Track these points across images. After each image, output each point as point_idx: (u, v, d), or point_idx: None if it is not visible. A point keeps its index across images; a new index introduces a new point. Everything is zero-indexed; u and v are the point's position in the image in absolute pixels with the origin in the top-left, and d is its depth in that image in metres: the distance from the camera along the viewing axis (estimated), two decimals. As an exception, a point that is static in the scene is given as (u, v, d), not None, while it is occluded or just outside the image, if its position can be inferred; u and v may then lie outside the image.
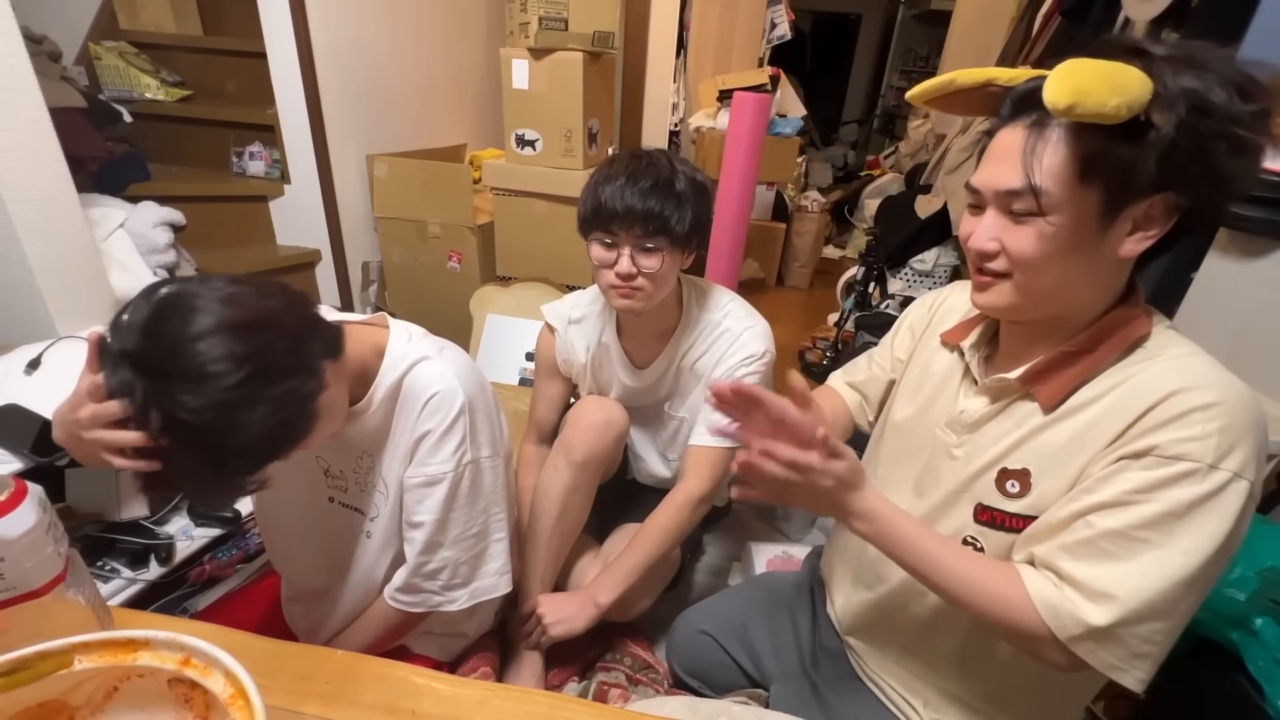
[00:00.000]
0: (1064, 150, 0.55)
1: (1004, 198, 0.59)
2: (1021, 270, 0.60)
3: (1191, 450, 0.52)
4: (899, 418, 0.81)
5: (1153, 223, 0.57)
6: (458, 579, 0.84)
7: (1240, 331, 1.27)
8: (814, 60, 6.49)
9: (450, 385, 0.77)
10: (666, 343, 1.08)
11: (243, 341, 0.55)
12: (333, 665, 0.63)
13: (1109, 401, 0.59)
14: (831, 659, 0.88)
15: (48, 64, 1.78)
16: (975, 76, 0.61)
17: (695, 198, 0.95)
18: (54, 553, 0.54)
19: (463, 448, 0.78)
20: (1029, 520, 0.64)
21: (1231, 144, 0.51)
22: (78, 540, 1.23)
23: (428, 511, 0.80)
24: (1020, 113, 0.58)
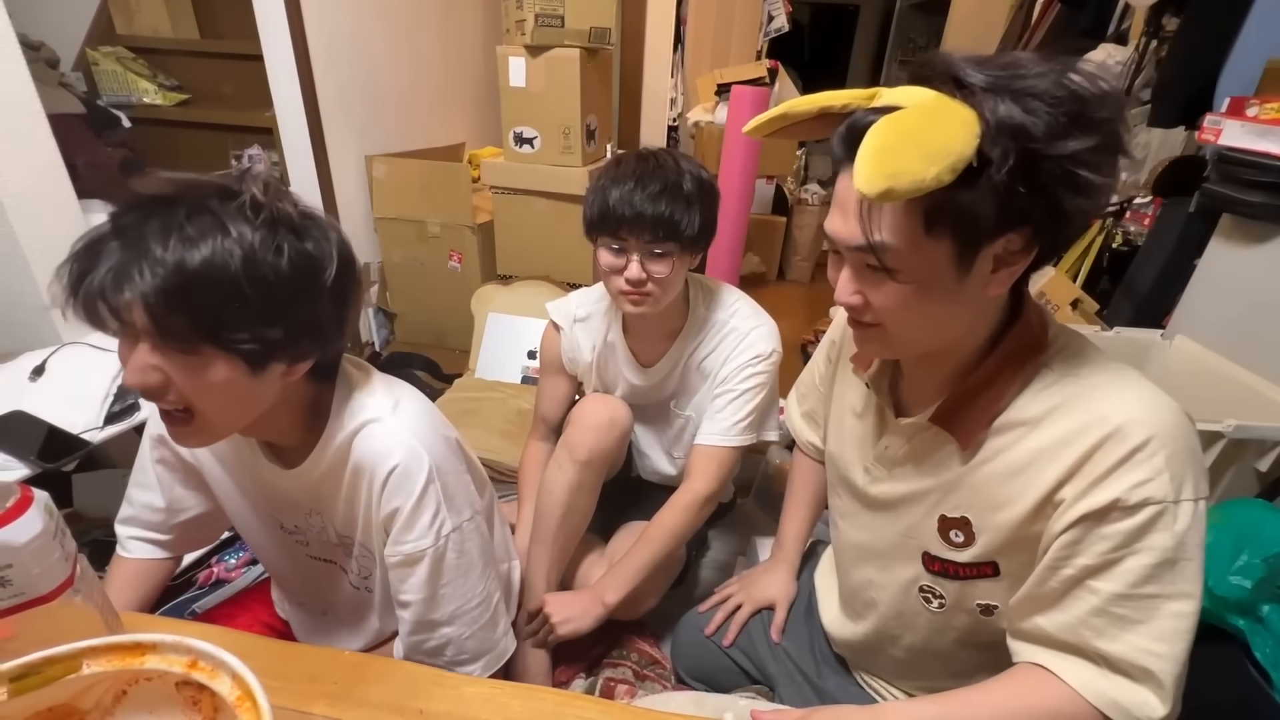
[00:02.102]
0: (902, 206, 0.50)
1: (854, 253, 0.55)
2: (890, 321, 0.57)
3: (1152, 493, 0.51)
4: (832, 449, 0.79)
5: (1014, 257, 0.53)
6: (465, 654, 0.76)
7: (1245, 318, 1.26)
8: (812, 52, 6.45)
9: (411, 452, 0.67)
10: (673, 342, 1.08)
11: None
12: (340, 665, 0.64)
13: (1034, 444, 0.57)
14: (833, 670, 0.88)
15: (46, 70, 1.78)
16: (807, 105, 0.57)
17: (703, 199, 0.94)
18: (61, 558, 0.54)
19: (439, 519, 0.69)
20: (981, 567, 0.63)
21: (1071, 185, 0.48)
22: (85, 545, 1.23)
23: (413, 590, 0.71)
24: (853, 153, 0.50)
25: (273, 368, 0.59)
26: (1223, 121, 1.28)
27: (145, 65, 2.13)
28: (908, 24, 6.06)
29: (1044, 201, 0.48)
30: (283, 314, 0.55)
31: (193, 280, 0.50)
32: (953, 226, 0.50)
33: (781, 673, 0.90)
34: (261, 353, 0.56)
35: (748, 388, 1.03)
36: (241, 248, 0.52)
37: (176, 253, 0.50)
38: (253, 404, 0.61)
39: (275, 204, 0.55)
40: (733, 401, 1.04)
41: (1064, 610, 0.57)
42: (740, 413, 1.04)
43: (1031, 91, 0.46)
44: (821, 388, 0.87)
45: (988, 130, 0.46)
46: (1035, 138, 0.46)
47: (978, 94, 0.47)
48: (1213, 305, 1.34)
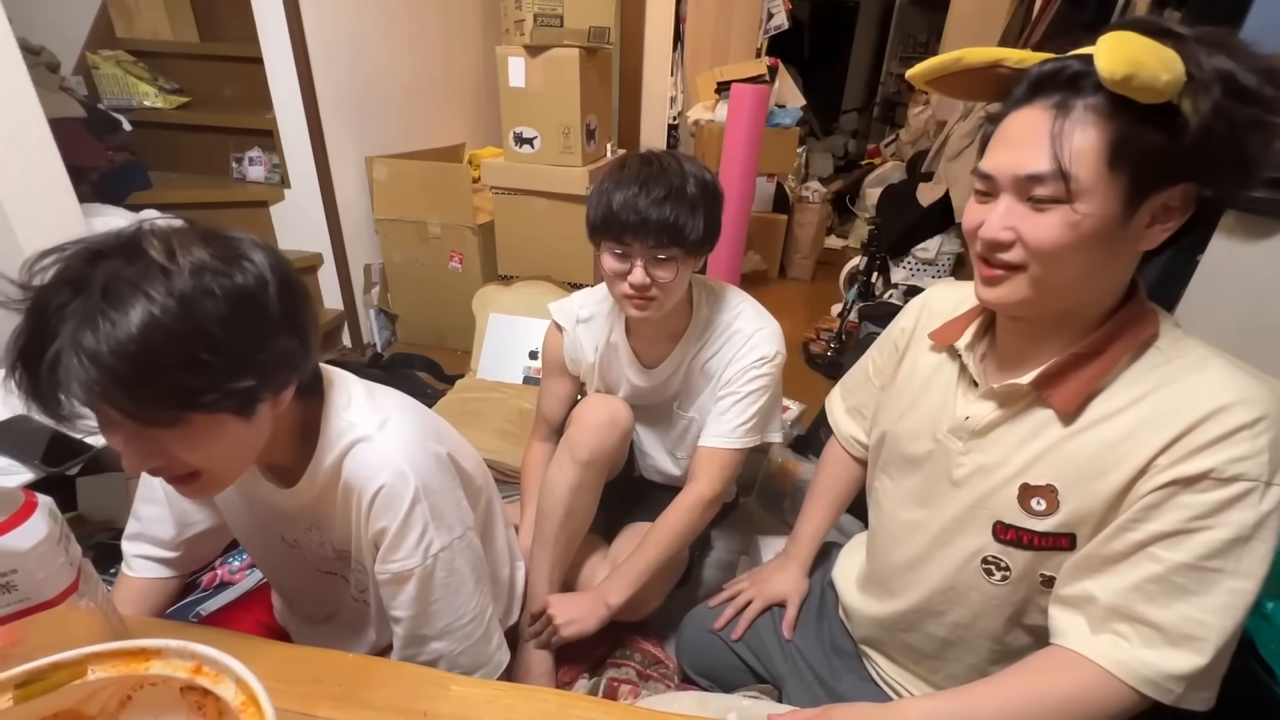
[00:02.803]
0: (1093, 134, 0.52)
1: (1024, 183, 0.55)
2: (1040, 261, 0.56)
3: (1247, 470, 0.52)
4: (893, 426, 0.78)
5: (1171, 214, 0.55)
6: (458, 669, 0.76)
7: (1249, 315, 1.26)
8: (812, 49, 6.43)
9: (397, 472, 0.67)
10: (676, 343, 1.07)
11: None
12: (344, 668, 0.64)
13: (1137, 415, 0.57)
14: (845, 662, 0.87)
15: (46, 75, 1.79)
16: (984, 56, 0.59)
17: (707, 201, 0.93)
18: (66, 563, 0.55)
19: (426, 538, 0.69)
20: (1059, 538, 0.62)
21: (1264, 132, 0.50)
22: (90, 548, 1.24)
23: (402, 607, 0.72)
24: (1039, 94, 0.55)
25: (261, 409, 0.58)
26: (1225, 116, 1.27)
27: (145, 68, 2.13)
28: (908, 20, 6.05)
29: (1233, 148, 0.50)
30: (246, 358, 0.53)
31: (143, 360, 0.47)
32: (1135, 163, 0.52)
33: (791, 672, 0.90)
34: (244, 401, 0.55)
35: (752, 390, 1.03)
36: (175, 309, 0.48)
37: (112, 342, 0.46)
38: (252, 446, 0.61)
39: (186, 251, 0.51)
40: (737, 404, 1.04)
41: (1119, 574, 0.57)
42: (744, 415, 1.04)
43: (1233, 47, 0.50)
44: (878, 380, 0.87)
45: (1198, 74, 0.49)
46: (1240, 83, 0.49)
47: (1189, 43, 0.50)
48: (1216, 301, 1.33)
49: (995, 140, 0.59)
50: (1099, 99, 0.52)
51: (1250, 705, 0.84)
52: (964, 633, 0.72)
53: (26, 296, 0.48)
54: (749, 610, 0.96)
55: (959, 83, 0.62)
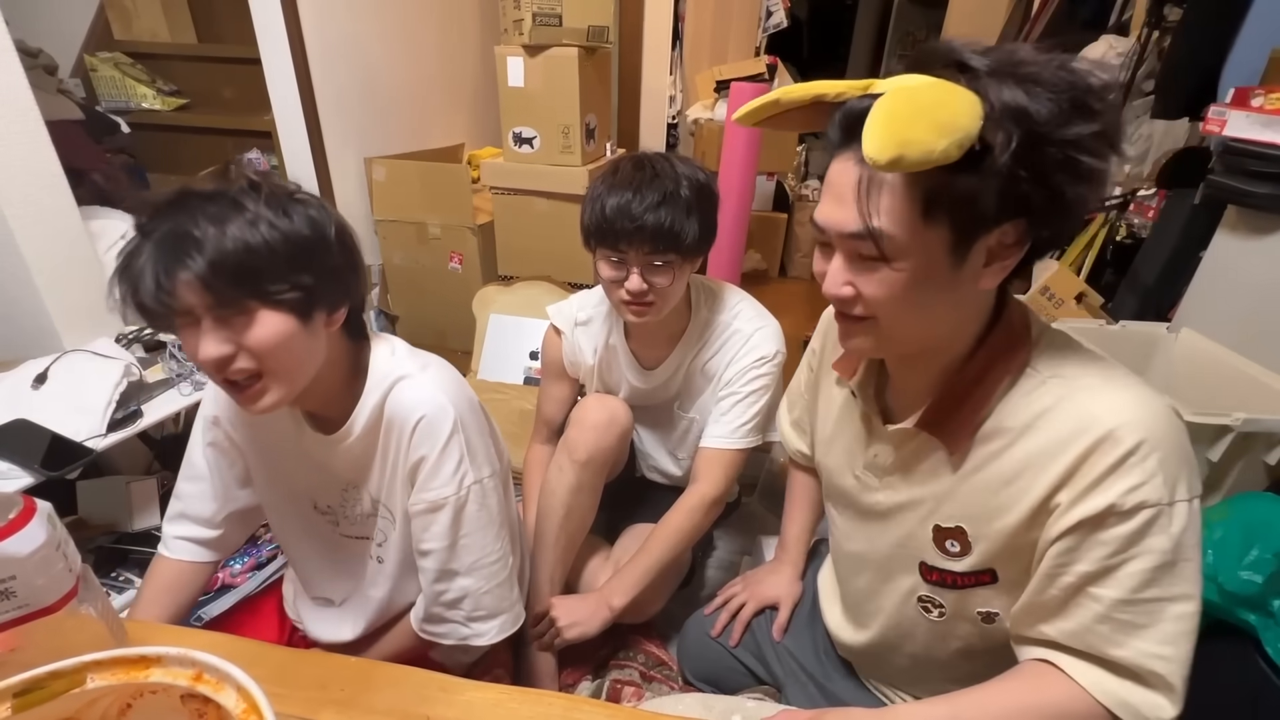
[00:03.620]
0: (901, 190, 0.49)
1: (848, 240, 0.53)
2: (882, 314, 0.55)
3: (1146, 496, 0.51)
4: (822, 459, 0.78)
5: (1008, 250, 0.53)
6: (481, 610, 0.80)
7: (1251, 311, 1.25)
8: (811, 47, 6.43)
9: (438, 405, 0.73)
10: (676, 345, 1.07)
11: None
12: (347, 672, 0.63)
13: (1023, 450, 0.56)
14: (837, 668, 0.87)
15: (44, 77, 1.78)
16: (801, 93, 0.55)
17: (702, 204, 0.93)
18: (65, 569, 0.54)
19: (462, 469, 0.74)
20: (979, 575, 0.62)
21: (1073, 171, 0.47)
22: (90, 552, 1.24)
23: (435, 538, 0.76)
24: (849, 140, 0.51)
25: (317, 316, 0.66)
26: (1227, 112, 1.27)
27: (144, 70, 2.13)
28: (906, 18, 6.04)
29: (1044, 189, 0.48)
30: (308, 262, 0.63)
31: (230, 250, 0.58)
32: (951, 213, 0.49)
33: (787, 674, 0.90)
34: (303, 300, 0.64)
35: (752, 390, 1.03)
36: (259, 217, 0.60)
37: (209, 232, 0.58)
38: (309, 355, 0.67)
39: (270, 183, 0.64)
40: (737, 404, 1.03)
41: (1069, 618, 0.56)
42: (745, 415, 1.03)
43: (1034, 78, 0.46)
44: (806, 395, 0.87)
45: (991, 113, 0.45)
46: (1039, 121, 0.45)
47: (982, 78, 0.47)
48: (1219, 298, 1.33)
49: (824, 188, 0.56)
50: None
51: (1255, 701, 0.84)
52: (923, 663, 0.73)
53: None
54: (743, 613, 0.96)
55: (792, 120, 0.59)
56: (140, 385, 1.23)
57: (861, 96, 0.51)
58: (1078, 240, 1.97)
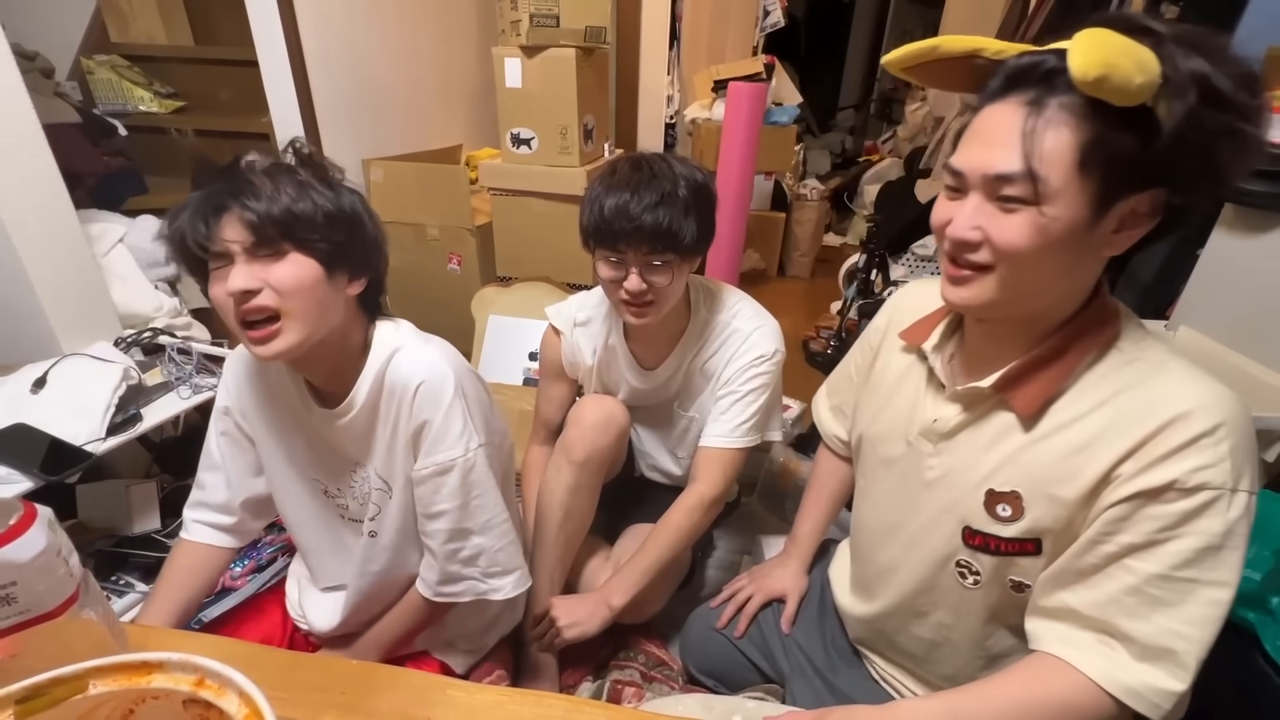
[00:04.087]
0: (1065, 134, 0.51)
1: (993, 182, 0.54)
2: (1007, 263, 0.55)
3: (1211, 478, 0.52)
4: (868, 428, 0.78)
5: (1139, 220, 0.54)
6: (496, 566, 0.83)
7: (1250, 308, 1.26)
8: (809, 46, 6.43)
9: (437, 370, 0.76)
10: (675, 345, 1.07)
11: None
12: (348, 675, 0.63)
13: (1098, 422, 0.57)
14: (846, 663, 0.87)
15: (40, 80, 1.78)
16: (962, 44, 0.57)
17: (699, 203, 0.93)
18: (66, 574, 0.54)
19: (467, 431, 0.77)
20: (1024, 544, 0.62)
21: (1236, 140, 0.49)
22: (91, 556, 1.23)
23: (446, 499, 0.79)
24: (1013, 89, 0.54)
25: (339, 276, 0.71)
26: (1224, 110, 1.27)
27: (141, 73, 2.12)
28: (904, 16, 6.04)
29: (1203, 154, 0.49)
30: (339, 223, 0.69)
31: (282, 202, 0.66)
32: (1105, 167, 0.51)
33: (793, 668, 0.90)
34: (332, 253, 0.69)
35: (751, 389, 1.03)
36: (309, 184, 0.68)
37: (258, 180, 0.66)
38: (326, 307, 0.71)
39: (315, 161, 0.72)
40: (736, 403, 1.04)
41: (1095, 587, 0.57)
42: (744, 414, 1.03)
43: (1211, 49, 0.48)
44: (857, 378, 0.87)
45: (1173, 76, 0.47)
46: (1215, 87, 0.47)
47: (1166, 43, 0.48)
48: (1217, 296, 1.33)
49: (968, 135, 0.57)
50: (1073, 98, 0.51)
51: (1255, 699, 0.84)
52: (948, 633, 0.73)
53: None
54: (749, 606, 0.96)
55: (936, 72, 0.60)
56: (139, 389, 1.23)
57: (1022, 55, 0.54)
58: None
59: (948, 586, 0.70)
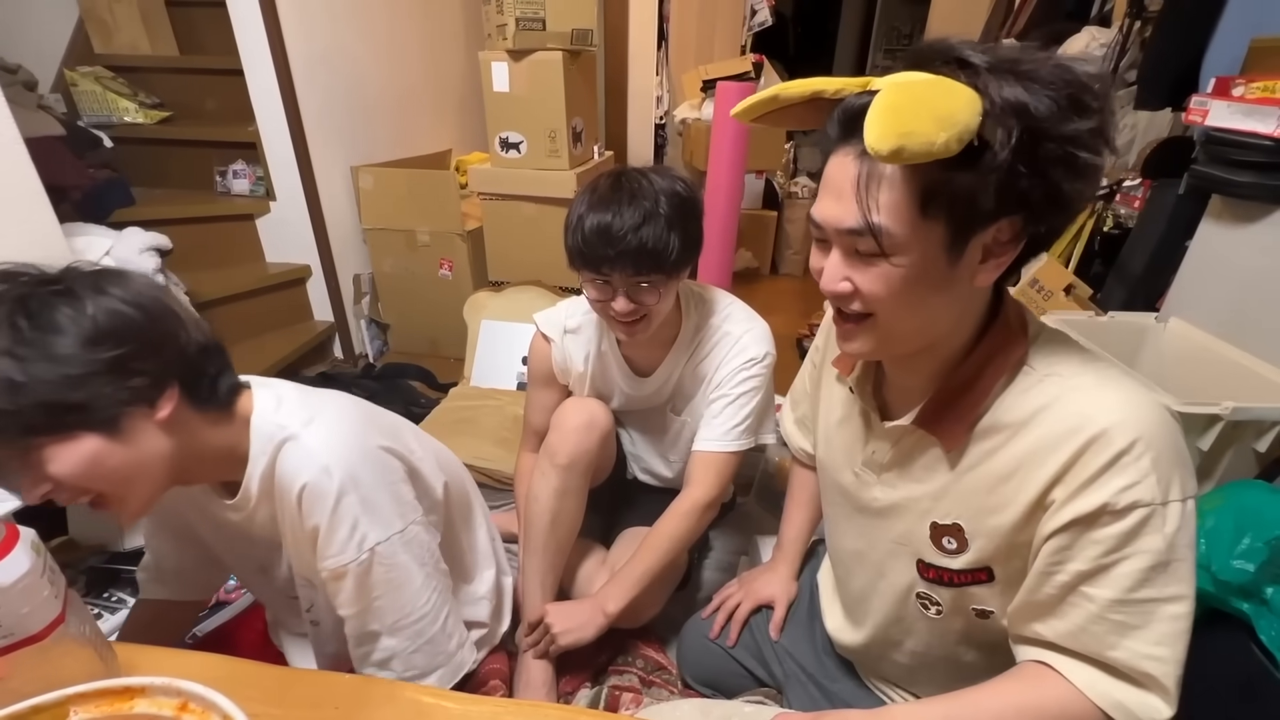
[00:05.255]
0: (900, 185, 0.50)
1: (846, 236, 0.53)
2: (880, 310, 0.55)
3: (1140, 495, 0.51)
4: (822, 454, 0.78)
5: (1003, 248, 0.53)
6: (412, 669, 0.76)
7: (1238, 299, 1.26)
8: (798, 44, 6.44)
9: (319, 468, 0.66)
10: (668, 350, 1.07)
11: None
12: (341, 690, 0.63)
13: (1020, 448, 0.56)
14: (839, 667, 0.87)
15: (23, 93, 1.77)
16: (800, 89, 0.55)
17: (684, 217, 0.91)
18: (51, 595, 0.54)
19: (359, 533, 0.68)
20: (976, 573, 0.62)
21: (1071, 167, 0.48)
22: (82, 573, 1.22)
23: (346, 605, 0.72)
24: (848, 136, 0.52)
25: (129, 424, 0.58)
26: (1209, 102, 1.27)
27: (125, 84, 2.11)
28: (891, 12, 6.06)
29: (1042, 184, 0.48)
30: (90, 376, 0.54)
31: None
32: (949, 209, 0.50)
33: (788, 674, 0.90)
34: (99, 418, 0.56)
35: (743, 391, 1.03)
36: (9, 353, 0.52)
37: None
38: (146, 463, 0.60)
39: (15, 294, 0.54)
40: (728, 406, 1.03)
41: (1063, 618, 0.56)
42: (736, 417, 1.03)
43: (1033, 75, 0.47)
44: (811, 393, 0.87)
45: (992, 109, 0.46)
46: (1039, 117, 0.46)
47: (982, 74, 0.47)
48: (1206, 287, 1.33)
49: (822, 185, 0.56)
50: None
51: (1250, 689, 0.84)
52: (923, 659, 0.73)
53: None
54: (739, 612, 0.96)
55: (788, 117, 0.59)
56: (128, 403, 1.22)
57: (860, 93, 0.52)
58: (1065, 232, 1.97)
59: (914, 616, 0.70)
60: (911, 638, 0.72)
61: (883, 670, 0.81)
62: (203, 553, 0.84)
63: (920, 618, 0.69)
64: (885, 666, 0.79)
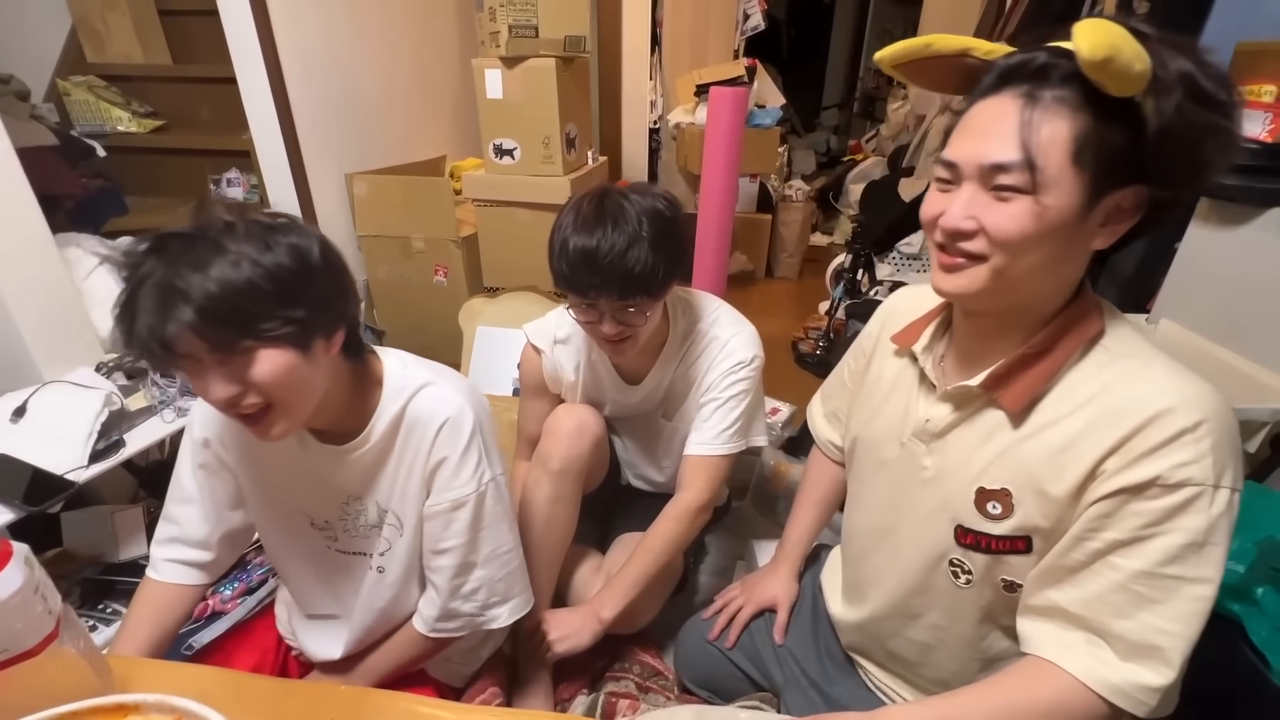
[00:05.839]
0: (1061, 125, 0.53)
1: (989, 172, 0.55)
2: (1001, 252, 0.56)
3: (1193, 474, 0.52)
4: (863, 431, 0.79)
5: (1123, 215, 0.56)
6: (495, 596, 0.85)
7: (1227, 301, 1.27)
8: (791, 47, 6.47)
9: (460, 408, 0.77)
10: (657, 357, 1.07)
11: None
12: (339, 701, 0.63)
13: (1085, 419, 0.58)
14: (840, 671, 0.87)
15: (15, 103, 1.76)
16: (953, 43, 0.59)
17: (666, 237, 0.91)
18: (44, 611, 0.54)
19: (481, 467, 0.79)
20: (1015, 541, 0.63)
21: (1219, 136, 0.51)
22: (77, 585, 1.22)
23: (455, 535, 0.80)
24: (1005, 85, 0.56)
25: (315, 345, 0.66)
26: (1196, 105, 1.28)
27: (118, 93, 2.11)
28: (884, 15, 6.09)
29: (1189, 150, 0.51)
30: (297, 294, 0.63)
31: (218, 296, 0.58)
32: (1096, 161, 0.53)
33: (787, 677, 0.90)
34: (299, 333, 0.64)
35: (732, 394, 1.03)
36: (241, 256, 0.60)
37: (192, 280, 0.58)
38: (314, 384, 0.68)
39: (247, 217, 0.64)
40: (718, 409, 1.04)
41: (1081, 585, 0.57)
42: (726, 420, 1.04)
43: (1194, 51, 0.51)
44: (850, 384, 0.88)
45: (1161, 73, 0.49)
46: (1200, 86, 0.49)
47: (1152, 42, 0.50)
48: (1195, 288, 1.34)
49: (960, 129, 0.59)
50: (1067, 91, 0.53)
51: (1243, 692, 0.84)
52: (943, 635, 0.73)
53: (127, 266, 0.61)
54: (740, 616, 0.96)
55: (925, 70, 0.62)
56: (122, 414, 1.22)
57: (1014, 53, 0.56)
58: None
59: (941, 587, 0.70)
60: (935, 610, 0.72)
61: (893, 650, 0.79)
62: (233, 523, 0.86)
63: (948, 588, 0.69)
64: (899, 644, 0.78)
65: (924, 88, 0.67)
